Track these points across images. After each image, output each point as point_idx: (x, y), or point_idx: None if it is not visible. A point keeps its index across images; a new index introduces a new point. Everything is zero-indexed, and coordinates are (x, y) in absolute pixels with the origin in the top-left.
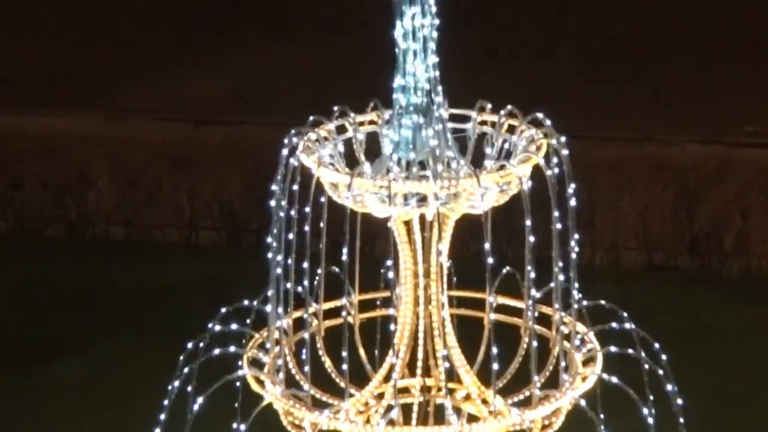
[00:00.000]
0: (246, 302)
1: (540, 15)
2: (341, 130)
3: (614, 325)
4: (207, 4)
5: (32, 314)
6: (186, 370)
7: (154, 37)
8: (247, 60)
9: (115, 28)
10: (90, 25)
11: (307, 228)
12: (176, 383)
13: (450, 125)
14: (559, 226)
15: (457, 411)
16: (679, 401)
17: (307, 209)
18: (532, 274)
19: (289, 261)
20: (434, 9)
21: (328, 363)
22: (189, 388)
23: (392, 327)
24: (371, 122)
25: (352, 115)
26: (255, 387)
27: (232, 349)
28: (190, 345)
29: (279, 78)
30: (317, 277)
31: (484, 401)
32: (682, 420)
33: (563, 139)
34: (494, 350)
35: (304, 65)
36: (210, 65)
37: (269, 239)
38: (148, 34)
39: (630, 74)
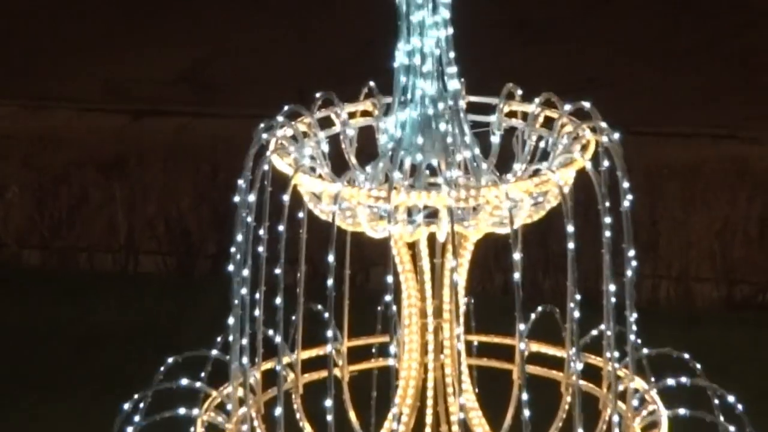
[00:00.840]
0: (200, 350)
1: None
2: (325, 123)
3: (684, 380)
4: None
5: None
6: None
7: (81, 3)
8: (201, 33)
9: None
10: None
11: (280, 252)
12: None
13: (469, 117)
14: (611, 249)
15: None
16: None
17: (281, 227)
18: (576, 313)
19: (257, 295)
20: None
21: (308, 430)
22: None
23: (393, 382)
24: (365, 113)
25: (340, 103)
26: None
27: (182, 411)
28: (126, 406)
29: (243, 56)
30: (294, 317)
31: None
32: None
33: (616, 135)
34: (526, 413)
35: (277, 39)
36: (154, 40)
37: (231, 267)
38: (72, 2)
39: (702, 51)
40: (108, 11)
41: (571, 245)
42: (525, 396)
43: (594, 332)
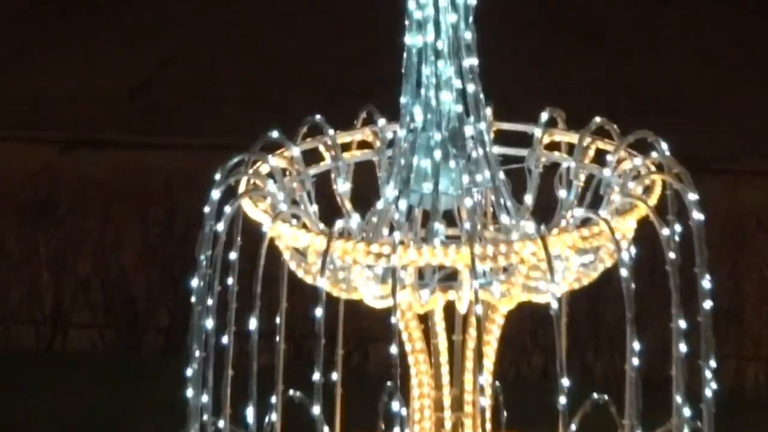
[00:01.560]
0: None
1: None
2: (312, 157)
3: None
4: None
5: None
6: None
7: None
8: (151, 39)
9: None
10: None
11: (252, 324)
12: None
13: (498, 150)
14: (682, 323)
15: None
16: None
17: (257, 290)
18: (637, 405)
19: (224, 380)
20: None
21: None
22: None
23: None
24: (363, 144)
25: (330, 131)
26: None
27: None
28: None
29: (205, 67)
30: (270, 410)
31: None
32: None
33: (688, 173)
34: None
35: (252, 44)
36: (91, 50)
37: (191, 345)
38: None
39: None
40: (32, 15)
41: (629, 314)
42: None
43: (663, 430)
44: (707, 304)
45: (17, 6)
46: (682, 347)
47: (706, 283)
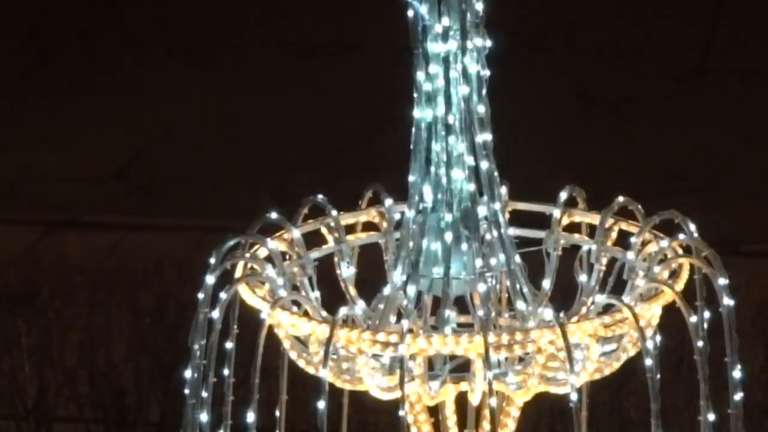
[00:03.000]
0: None
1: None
2: (314, 240)
3: None
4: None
5: None
6: None
7: None
8: (140, 116)
9: None
10: None
11: (250, 418)
12: None
13: (513, 232)
14: (711, 415)
15: None
16: None
17: (255, 382)
18: None
19: None
20: (482, 24)
21: None
22: None
23: None
24: (368, 226)
25: (334, 212)
26: None
27: None
28: None
29: (201, 144)
30: None
31: None
32: None
33: (719, 257)
34: None
35: (248, 121)
36: (77, 127)
37: None
38: None
39: None
40: (15, 93)
41: (654, 406)
42: None
43: None
44: (738, 396)
45: (1, 84)
46: None
47: (737, 372)
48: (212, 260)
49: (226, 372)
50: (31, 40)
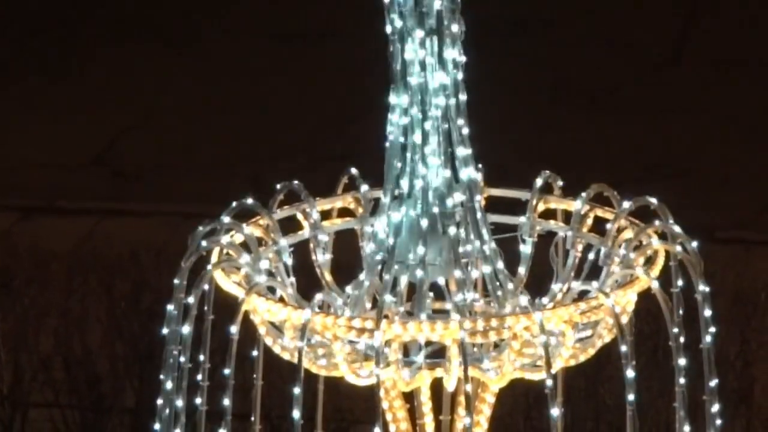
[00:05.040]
0: None
1: (649, 34)
2: (290, 225)
3: None
4: (47, 3)
5: None
6: None
7: None
8: (117, 100)
9: None
10: None
11: (225, 402)
12: None
13: (490, 218)
14: (687, 402)
15: None
16: None
17: (226, 371)
18: None
19: None
20: (458, 10)
21: None
22: None
23: None
24: (344, 212)
25: (310, 198)
26: None
27: None
28: None
29: (178, 131)
30: None
31: None
32: None
33: (694, 243)
34: None
35: (225, 107)
36: (53, 111)
37: (156, 426)
38: None
39: None
40: None
41: (630, 396)
42: None
43: None
44: (713, 383)
45: None
46: (686, 429)
47: (711, 357)
48: (188, 244)
49: (201, 358)
50: (8, 28)
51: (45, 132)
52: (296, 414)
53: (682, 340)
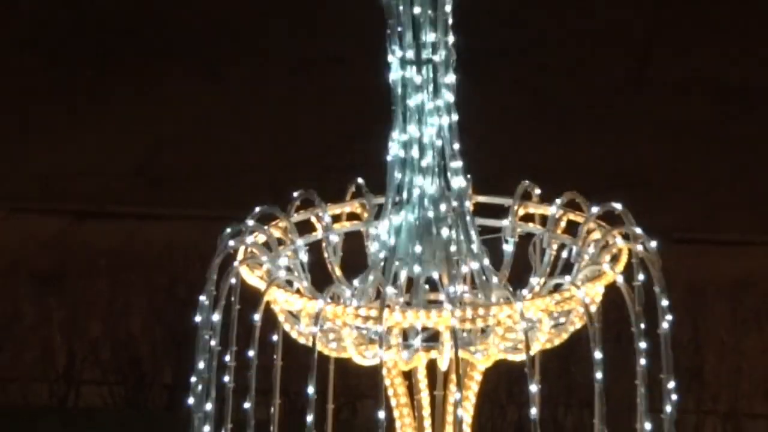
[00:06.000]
0: None
1: (616, 58)
2: (305, 228)
3: None
4: (89, 35)
5: None
6: None
7: (9, 84)
8: (155, 118)
9: None
10: None
11: (250, 382)
12: None
13: (477, 221)
14: (647, 380)
15: None
16: None
17: (251, 353)
18: None
19: None
20: (451, 39)
21: None
22: None
23: None
24: (352, 216)
25: (322, 204)
26: None
27: None
28: None
29: (207, 145)
30: None
31: None
32: None
33: (653, 243)
34: None
35: (248, 125)
36: (99, 128)
37: (191, 400)
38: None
39: (756, 142)
40: (41, 93)
41: (598, 375)
42: None
43: None
44: (669, 361)
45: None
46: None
47: (668, 343)
48: (218, 244)
49: (231, 342)
50: (61, 56)
51: (94, 146)
52: (310, 390)
53: (642, 326)
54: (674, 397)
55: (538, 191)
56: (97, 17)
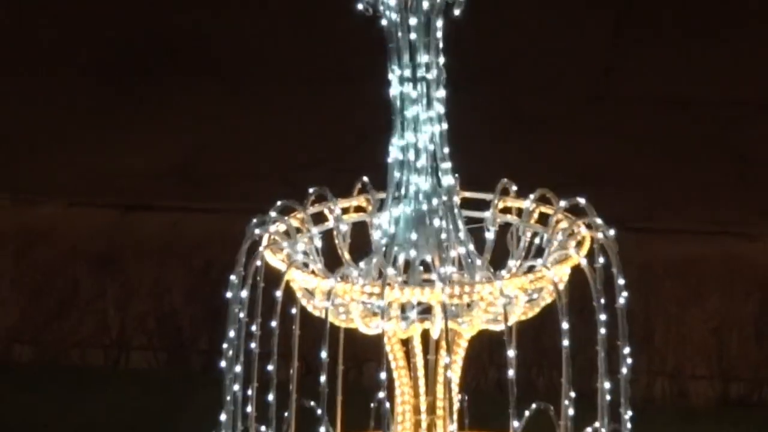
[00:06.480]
0: None
1: (581, 76)
2: (319, 219)
3: None
4: (137, 51)
5: None
6: None
7: (67, 95)
8: (192, 125)
9: (14, 87)
10: None
11: (273, 348)
12: None
13: (463, 213)
14: (606, 346)
15: None
16: None
17: (274, 323)
18: (571, 411)
19: (249, 392)
20: (441, 60)
21: None
22: None
23: None
24: (358, 209)
25: (334, 199)
26: None
27: None
28: None
29: (236, 149)
30: (286, 414)
31: None
32: None
33: (611, 232)
34: None
35: (271, 132)
36: (144, 131)
37: (223, 363)
38: (58, 93)
39: (698, 147)
40: (96, 104)
41: (565, 342)
42: None
43: (588, 430)
44: (625, 331)
45: (90, 105)
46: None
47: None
48: (245, 233)
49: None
50: (115, 73)
51: (140, 150)
52: (323, 354)
53: (602, 302)
54: (629, 360)
55: (514, 188)
56: (146, 41)
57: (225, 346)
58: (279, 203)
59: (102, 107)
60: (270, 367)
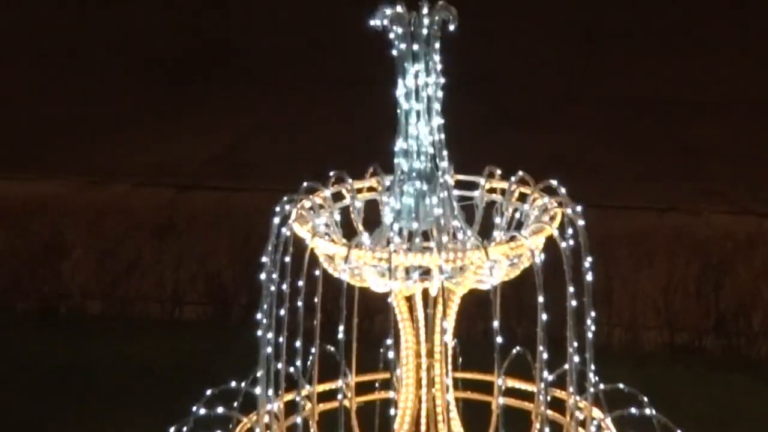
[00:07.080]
0: (233, 383)
1: (556, 78)
2: (338, 197)
3: (634, 410)
4: (192, 57)
5: (2, 397)
6: None
7: (134, 92)
8: (237, 119)
9: (90, 83)
10: (61, 81)
11: (300, 303)
12: None
13: (456, 193)
14: (573, 302)
15: None
16: None
17: (300, 283)
18: (545, 355)
19: (281, 339)
20: (439, 67)
21: None
22: None
23: (392, 411)
24: (370, 189)
25: (350, 181)
26: None
27: None
28: (172, 430)
29: (273, 140)
30: (311, 357)
31: None
32: None
33: (579, 208)
34: None
35: (301, 125)
36: (196, 124)
37: (259, 315)
38: (127, 90)
39: (651, 139)
40: (160, 101)
41: (540, 298)
42: (501, 424)
43: (559, 371)
44: (589, 288)
45: (152, 100)
46: (571, 320)
47: (589, 277)
48: (277, 209)
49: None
50: (174, 73)
51: (193, 138)
52: (341, 307)
53: (570, 275)
54: (593, 313)
55: (499, 172)
56: (203, 44)
57: (261, 301)
58: (305, 184)
59: (162, 102)
60: (298, 319)
